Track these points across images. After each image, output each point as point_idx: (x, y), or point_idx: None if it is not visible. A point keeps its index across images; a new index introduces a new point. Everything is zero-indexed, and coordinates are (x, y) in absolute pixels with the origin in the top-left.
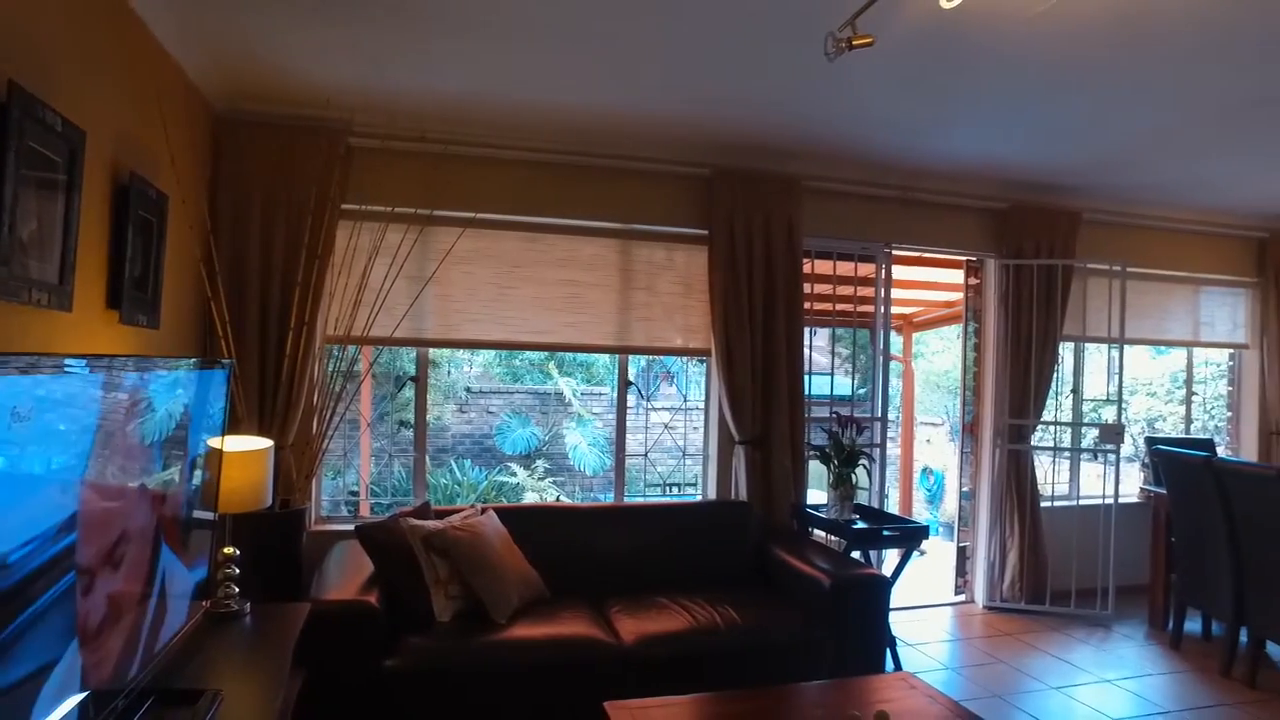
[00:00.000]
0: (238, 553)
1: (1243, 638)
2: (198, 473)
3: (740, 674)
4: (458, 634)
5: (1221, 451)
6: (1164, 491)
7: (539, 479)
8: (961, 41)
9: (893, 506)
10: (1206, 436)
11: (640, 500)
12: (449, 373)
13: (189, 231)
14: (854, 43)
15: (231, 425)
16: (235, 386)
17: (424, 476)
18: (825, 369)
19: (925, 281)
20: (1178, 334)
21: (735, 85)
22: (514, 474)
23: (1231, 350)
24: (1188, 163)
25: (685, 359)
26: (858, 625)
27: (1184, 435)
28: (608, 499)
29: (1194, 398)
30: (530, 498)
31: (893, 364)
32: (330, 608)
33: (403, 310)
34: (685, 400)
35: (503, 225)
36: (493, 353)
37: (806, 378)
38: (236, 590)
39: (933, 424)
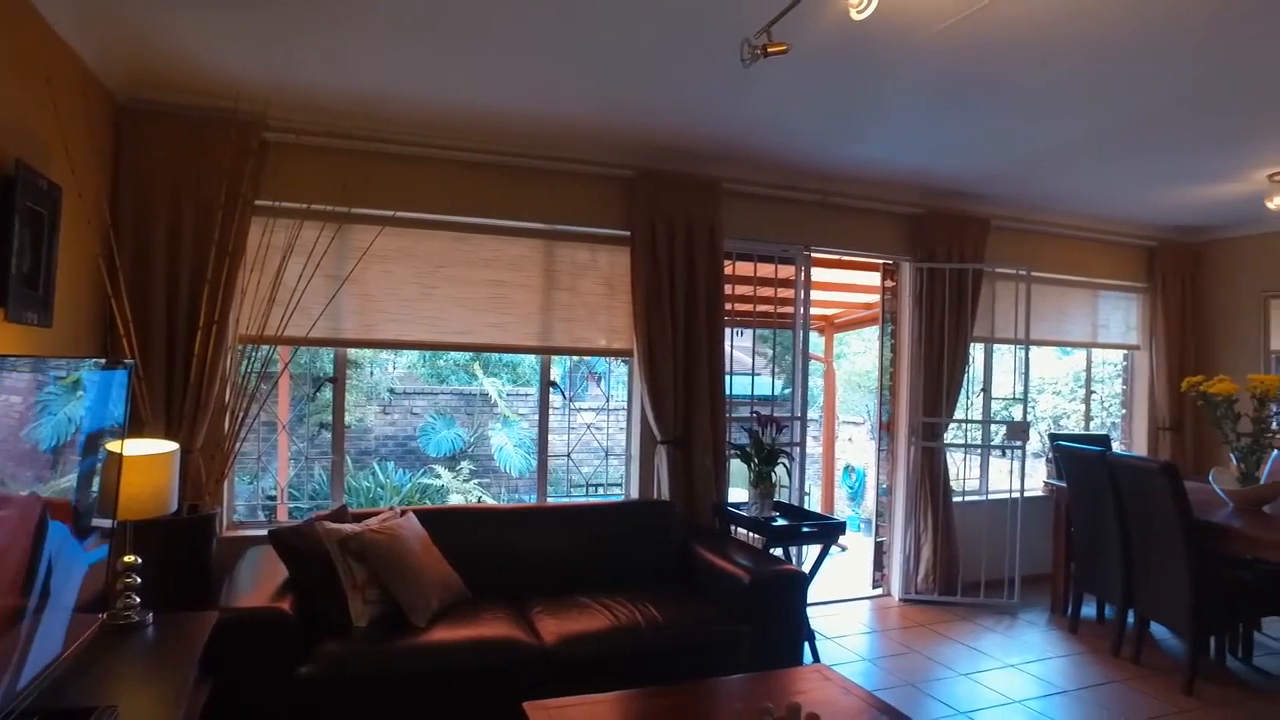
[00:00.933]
0: (139, 561)
1: (1130, 619)
2: (95, 479)
3: (662, 671)
4: (375, 639)
5: (1116, 446)
6: (1065, 485)
7: (464, 481)
8: (872, 53)
9: (815, 504)
10: (1103, 433)
11: (563, 501)
12: (372, 373)
13: (86, 225)
14: (769, 50)
15: (135, 428)
16: (138, 388)
17: (342, 479)
18: (752, 369)
19: (846, 284)
20: (1077, 336)
21: (655, 90)
22: (438, 476)
23: (1125, 351)
24: (1087, 174)
25: (611, 360)
26: (777, 620)
27: (1084, 431)
28: (533, 500)
29: (1093, 396)
30: (455, 500)
31: (816, 364)
32: (240, 615)
33: (319, 309)
34: (608, 401)
35: (426, 224)
36: (417, 353)
37: (728, 378)
38: (137, 600)
39: (854, 423)
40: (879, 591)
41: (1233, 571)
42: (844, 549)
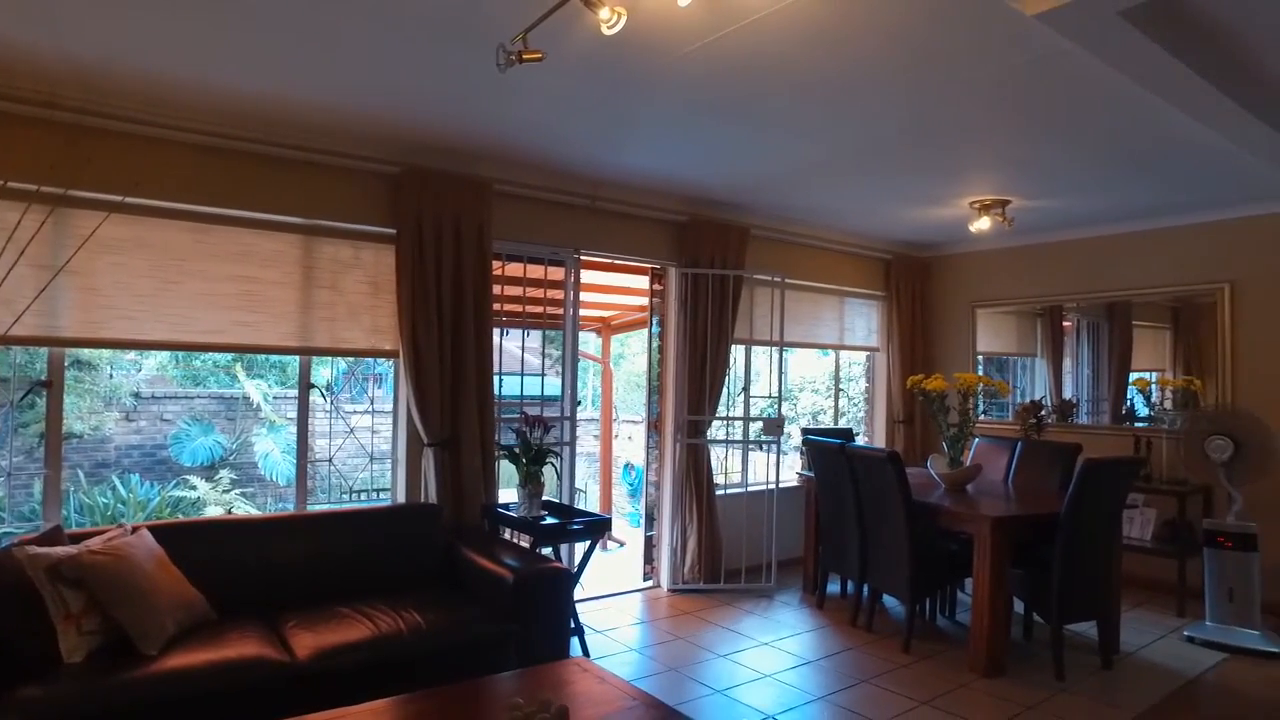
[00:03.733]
0: None
1: (866, 592)
2: None
3: (427, 677)
4: (91, 675)
5: (861, 440)
6: (813, 475)
7: (224, 491)
8: (627, 68)
9: (593, 501)
10: (848, 427)
11: (323, 508)
12: (111, 375)
13: None
14: (524, 57)
15: None
16: None
17: (59, 497)
18: (521, 370)
19: (621, 287)
20: (827, 338)
21: (416, 85)
22: (194, 487)
23: (867, 353)
24: (831, 191)
25: (393, 360)
26: (543, 617)
27: (833, 426)
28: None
29: (842, 393)
30: (213, 512)
31: (596, 365)
32: None
33: (25, 303)
34: (372, 404)
35: (164, 213)
36: (168, 354)
37: (499, 378)
38: None
39: (634, 421)
40: (650, 584)
41: (943, 543)
42: (622, 544)
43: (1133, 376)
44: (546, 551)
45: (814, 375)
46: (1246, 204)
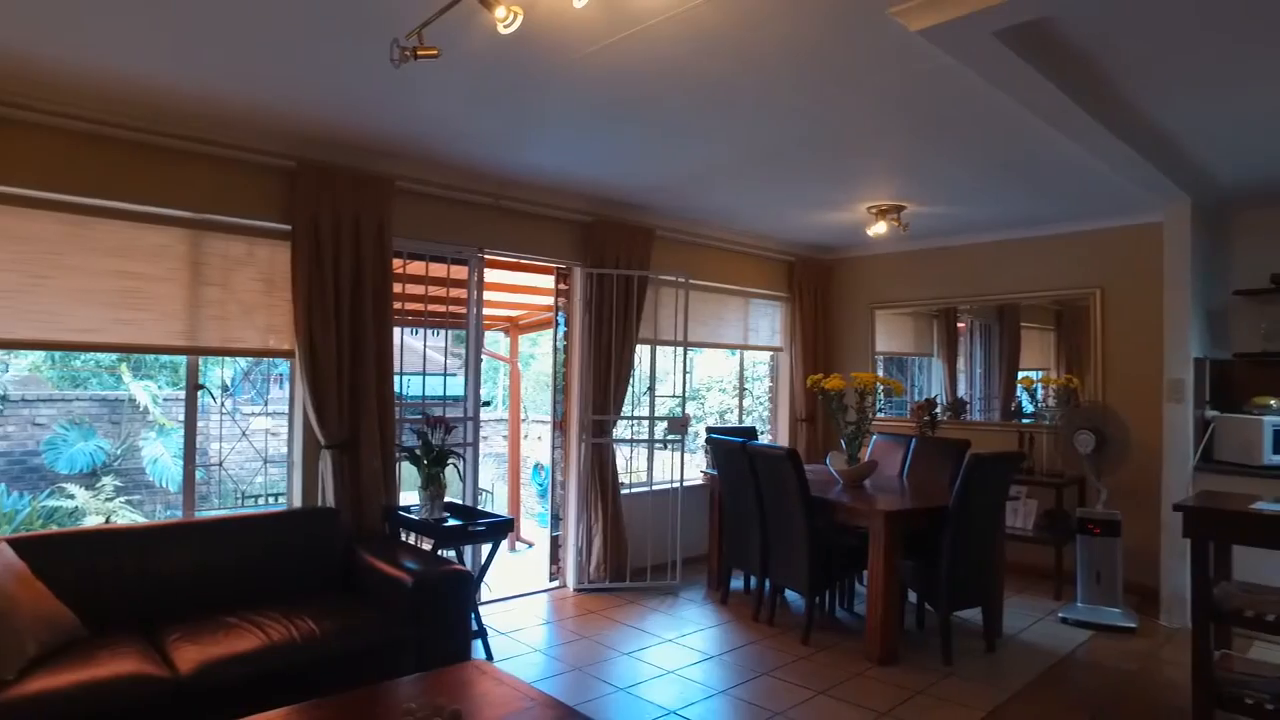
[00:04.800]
0: None
1: (767, 587)
2: None
3: (322, 685)
4: None
5: (765, 438)
6: (717, 473)
7: (106, 500)
8: (527, 68)
9: (501, 502)
10: (752, 425)
11: (213, 514)
12: None
13: None
14: (419, 53)
15: None
16: None
17: None
18: (423, 369)
19: (529, 286)
20: (732, 338)
21: (312, 78)
22: (72, 496)
23: (772, 353)
24: (735, 194)
25: (290, 360)
26: (444, 621)
27: (738, 425)
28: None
29: (747, 393)
30: (92, 522)
31: (506, 365)
32: None
33: None
34: (266, 405)
35: (31, 202)
36: (42, 353)
37: (401, 378)
38: None
39: (543, 422)
40: (556, 584)
41: (841, 537)
42: (530, 545)
43: (1021, 375)
44: (450, 554)
45: (721, 375)
46: (1115, 215)
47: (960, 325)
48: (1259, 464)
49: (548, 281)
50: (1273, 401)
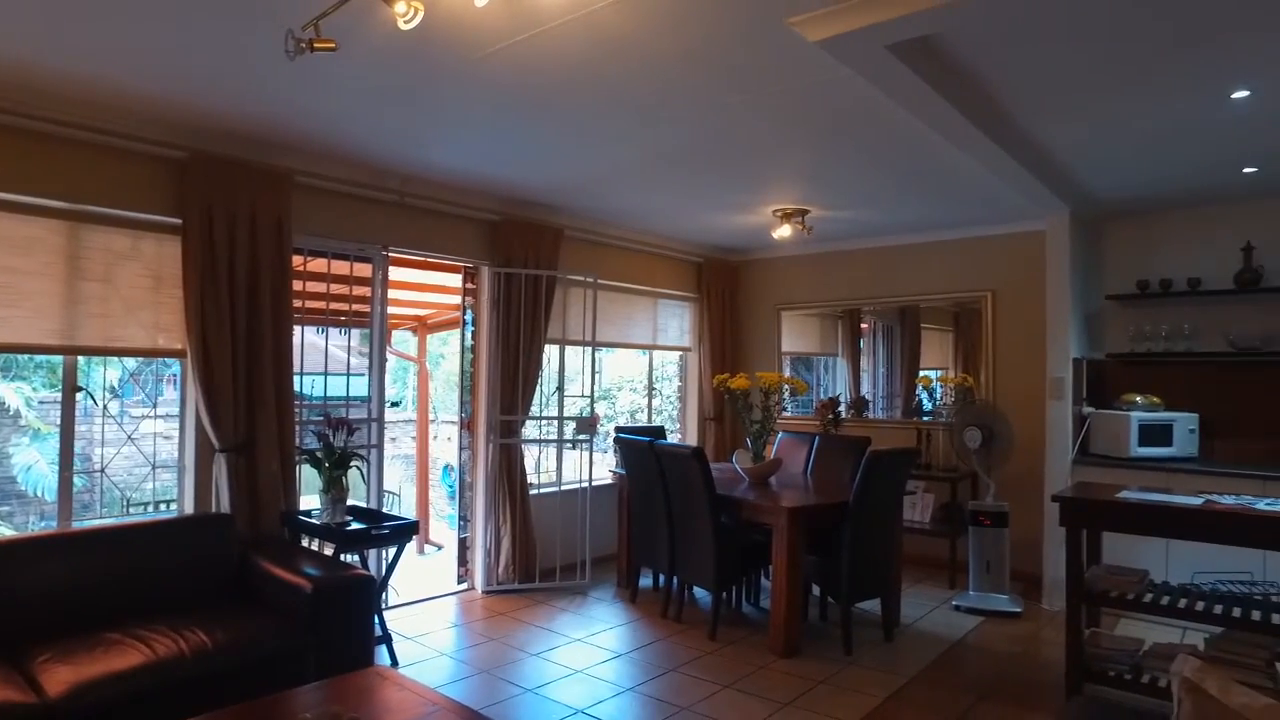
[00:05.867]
0: None
1: (675, 585)
2: None
3: (215, 699)
4: None
5: (674, 437)
6: (625, 472)
7: None
8: (429, 63)
9: (409, 505)
10: (661, 425)
11: (92, 524)
12: None
13: None
14: (315, 45)
15: None
16: None
17: None
18: (325, 369)
19: (436, 285)
20: (641, 338)
21: (203, 65)
22: None
23: (680, 352)
24: (642, 195)
25: (181, 360)
26: (345, 627)
27: (647, 424)
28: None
29: (656, 392)
30: None
31: (413, 364)
32: None
33: None
34: (155, 408)
35: None
36: None
37: (301, 378)
38: None
39: (452, 422)
40: (464, 586)
41: (746, 534)
42: (439, 547)
43: (921, 374)
44: (354, 559)
45: (632, 375)
46: (1005, 222)
47: (864, 326)
48: (1127, 456)
49: (456, 281)
50: (1139, 398)
